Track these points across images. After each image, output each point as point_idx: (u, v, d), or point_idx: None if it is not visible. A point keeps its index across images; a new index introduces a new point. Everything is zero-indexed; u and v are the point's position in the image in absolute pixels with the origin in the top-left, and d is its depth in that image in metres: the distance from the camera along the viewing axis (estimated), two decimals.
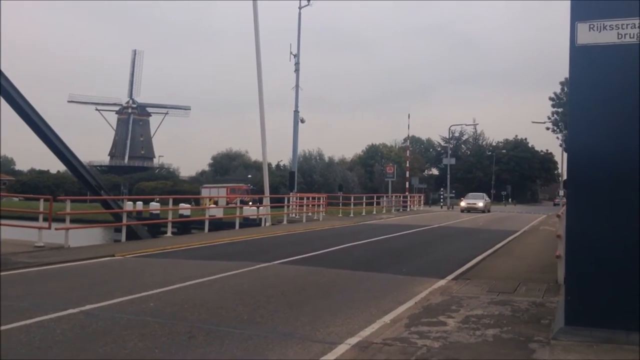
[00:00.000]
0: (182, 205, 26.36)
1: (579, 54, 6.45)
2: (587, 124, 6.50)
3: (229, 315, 7.26)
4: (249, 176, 71.10)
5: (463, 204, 44.56)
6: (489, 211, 43.41)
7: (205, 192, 56.44)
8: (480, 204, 42.76)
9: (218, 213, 25.25)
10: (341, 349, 5.88)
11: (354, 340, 6.19)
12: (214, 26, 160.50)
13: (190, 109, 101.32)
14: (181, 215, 24.97)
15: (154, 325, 6.63)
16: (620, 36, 6.26)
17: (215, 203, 31.84)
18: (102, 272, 10.94)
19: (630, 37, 6.23)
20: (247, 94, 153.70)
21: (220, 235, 19.41)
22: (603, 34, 6.33)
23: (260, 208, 26.88)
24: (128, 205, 28.72)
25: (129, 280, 9.76)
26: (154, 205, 27.55)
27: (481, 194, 49.23)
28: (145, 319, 6.91)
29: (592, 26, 6.37)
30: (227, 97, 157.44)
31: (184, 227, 24.98)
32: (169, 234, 19.93)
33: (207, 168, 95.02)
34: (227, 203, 43.83)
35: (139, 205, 32.15)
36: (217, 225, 24.23)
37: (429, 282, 10.14)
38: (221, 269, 10.97)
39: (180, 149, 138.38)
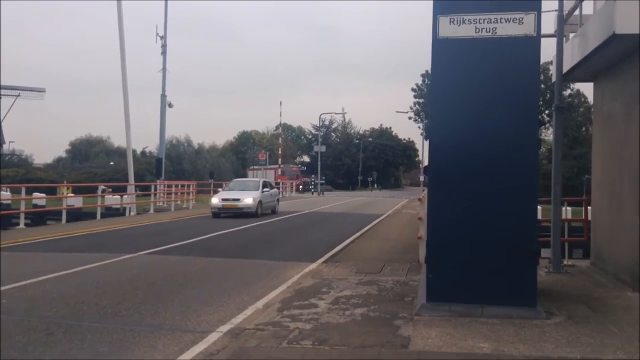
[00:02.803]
0: (35, 194, 24.25)
1: (440, 46, 6.80)
2: (445, 113, 6.89)
3: (90, 310, 6.83)
4: (111, 163, 67.35)
5: (215, 200, 22.72)
6: (273, 212, 24.19)
7: (251, 176, 53.15)
8: (249, 201, 21.96)
9: (77, 202, 23.59)
10: (213, 337, 5.77)
11: (225, 327, 6.11)
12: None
13: (45, 91, 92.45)
14: (35, 205, 23.00)
15: (6, 324, 6.07)
16: (477, 30, 6.69)
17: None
18: None
19: (486, 32, 6.68)
20: (110, 75, 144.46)
21: (80, 226, 18.20)
22: (462, 27, 6.72)
23: (124, 197, 25.59)
24: None
25: None
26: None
27: (255, 181, 27.14)
28: None
29: (452, 20, 6.73)
30: (87, 79, 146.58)
31: (39, 218, 23.02)
32: (21, 225, 18.35)
33: (64, 155, 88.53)
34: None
35: None
36: (77, 215, 22.66)
37: (301, 266, 10.28)
38: (81, 261, 10.28)
39: (34, 134, 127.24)
